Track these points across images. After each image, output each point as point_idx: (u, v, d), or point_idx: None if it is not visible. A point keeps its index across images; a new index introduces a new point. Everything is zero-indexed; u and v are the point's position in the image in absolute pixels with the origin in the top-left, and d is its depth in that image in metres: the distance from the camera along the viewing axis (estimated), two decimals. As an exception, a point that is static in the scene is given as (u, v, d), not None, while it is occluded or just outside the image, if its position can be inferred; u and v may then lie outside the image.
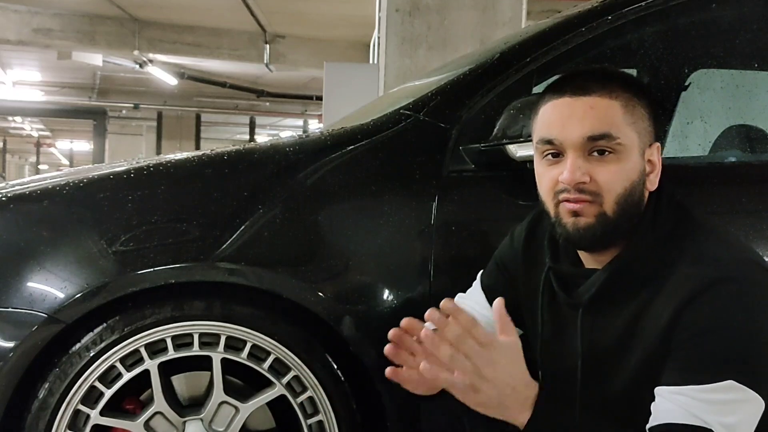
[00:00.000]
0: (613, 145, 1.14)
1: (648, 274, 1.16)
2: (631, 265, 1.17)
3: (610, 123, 1.14)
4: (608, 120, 1.15)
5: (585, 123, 1.15)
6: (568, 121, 1.16)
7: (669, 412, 1.05)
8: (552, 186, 1.19)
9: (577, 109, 1.16)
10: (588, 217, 1.16)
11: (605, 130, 1.14)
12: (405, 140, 1.60)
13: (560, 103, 1.18)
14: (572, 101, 1.16)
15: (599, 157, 1.15)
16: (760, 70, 1.96)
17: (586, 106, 1.15)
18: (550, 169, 1.19)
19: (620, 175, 1.15)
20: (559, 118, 1.17)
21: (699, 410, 1.03)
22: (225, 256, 1.49)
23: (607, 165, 1.15)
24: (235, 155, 1.62)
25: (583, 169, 1.15)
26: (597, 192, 1.15)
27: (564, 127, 1.16)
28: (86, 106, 14.66)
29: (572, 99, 1.17)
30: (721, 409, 1.03)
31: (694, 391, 1.04)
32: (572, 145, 1.16)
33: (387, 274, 1.55)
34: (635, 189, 1.17)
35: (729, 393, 1.04)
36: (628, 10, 1.64)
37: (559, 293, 1.26)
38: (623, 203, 1.16)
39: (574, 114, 1.16)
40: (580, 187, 1.15)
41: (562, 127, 1.16)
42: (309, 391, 1.55)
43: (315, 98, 11.93)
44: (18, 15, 8.57)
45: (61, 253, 1.49)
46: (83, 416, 1.50)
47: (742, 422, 1.04)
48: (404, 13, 4.10)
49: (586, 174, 1.15)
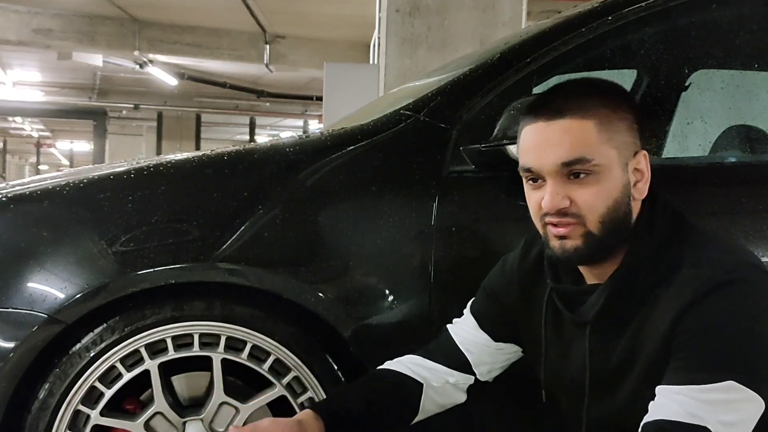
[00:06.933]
0: (589, 167, 1.15)
1: (649, 284, 1.16)
2: (632, 276, 1.17)
3: (583, 146, 1.14)
4: (582, 143, 1.15)
5: (558, 149, 1.15)
6: (543, 149, 1.17)
7: (666, 408, 1.06)
8: (537, 210, 1.20)
9: (550, 135, 1.16)
10: (574, 239, 1.17)
11: (578, 155, 1.14)
12: (405, 141, 1.60)
13: (535, 129, 1.18)
14: (545, 126, 1.17)
15: (578, 180, 1.15)
16: (760, 71, 1.96)
17: (560, 131, 1.16)
18: (534, 193, 1.20)
19: (601, 195, 1.15)
20: (535, 145, 1.18)
21: (697, 409, 1.03)
22: (225, 256, 1.49)
23: (587, 187, 1.15)
24: (235, 156, 1.62)
25: (562, 194, 1.16)
26: (579, 214, 1.16)
27: (539, 156, 1.17)
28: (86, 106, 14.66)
29: (545, 124, 1.17)
30: (720, 408, 1.03)
31: (694, 391, 1.05)
32: (549, 172, 1.16)
33: (387, 275, 1.54)
34: (619, 205, 1.17)
35: (729, 393, 1.04)
36: (628, 11, 1.64)
37: (564, 312, 1.25)
38: (608, 221, 1.16)
39: (549, 140, 1.16)
40: (562, 212, 1.16)
41: (538, 155, 1.17)
42: (309, 391, 1.55)
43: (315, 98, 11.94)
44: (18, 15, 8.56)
45: (61, 254, 1.49)
46: (83, 416, 1.50)
47: (741, 421, 1.05)
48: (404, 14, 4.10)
49: (565, 198, 1.16)
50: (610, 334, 1.19)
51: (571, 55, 1.65)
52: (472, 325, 1.40)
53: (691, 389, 1.05)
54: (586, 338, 1.22)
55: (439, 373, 1.37)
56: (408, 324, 1.54)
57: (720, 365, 1.05)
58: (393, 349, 1.49)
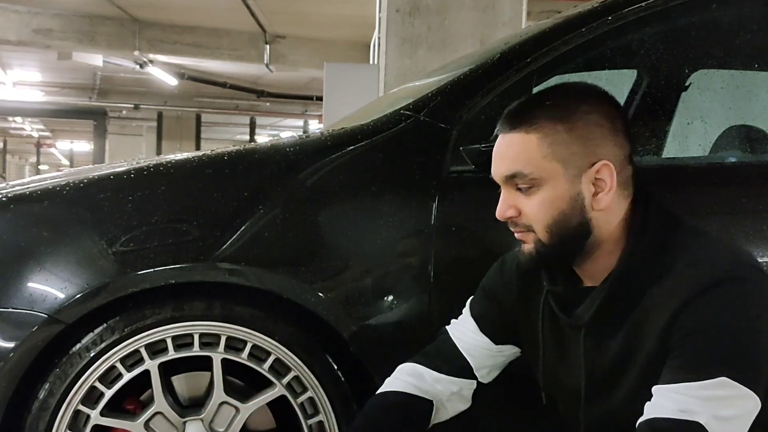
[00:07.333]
0: (528, 181, 1.18)
1: (644, 285, 1.16)
2: (627, 278, 1.17)
3: (522, 160, 1.19)
4: (520, 158, 1.19)
5: (502, 162, 1.22)
6: (495, 160, 1.23)
7: (660, 407, 1.06)
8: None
9: (500, 147, 1.23)
10: (529, 244, 1.22)
11: (515, 170, 1.19)
12: (405, 141, 1.60)
13: (496, 140, 1.25)
14: (500, 138, 1.24)
15: (523, 191, 1.20)
16: (760, 71, 1.96)
17: (506, 144, 1.22)
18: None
19: (544, 206, 1.18)
20: (494, 155, 1.24)
21: (691, 405, 1.04)
22: (225, 256, 1.49)
23: (531, 198, 1.20)
24: (236, 156, 1.62)
25: (509, 203, 1.21)
26: (527, 224, 1.21)
27: (494, 166, 1.24)
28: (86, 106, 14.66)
29: (501, 136, 1.23)
30: (714, 404, 1.04)
31: (687, 388, 1.05)
32: (500, 182, 1.23)
33: (387, 275, 1.54)
34: (568, 216, 1.18)
35: (722, 389, 1.04)
36: (628, 11, 1.64)
37: (560, 315, 1.26)
38: (556, 231, 1.19)
39: (498, 152, 1.23)
40: (512, 221, 1.22)
41: (493, 165, 1.24)
42: (309, 391, 1.55)
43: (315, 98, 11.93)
44: (18, 15, 8.56)
45: (61, 254, 1.49)
46: (83, 416, 1.50)
47: (737, 416, 1.05)
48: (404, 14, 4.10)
49: (512, 208, 1.21)
50: (606, 336, 1.19)
51: (571, 55, 1.65)
52: (472, 329, 1.39)
53: (685, 386, 1.05)
54: (581, 340, 1.22)
55: (445, 384, 1.36)
56: (408, 324, 1.54)
57: (713, 362, 1.05)
58: (393, 348, 1.49)
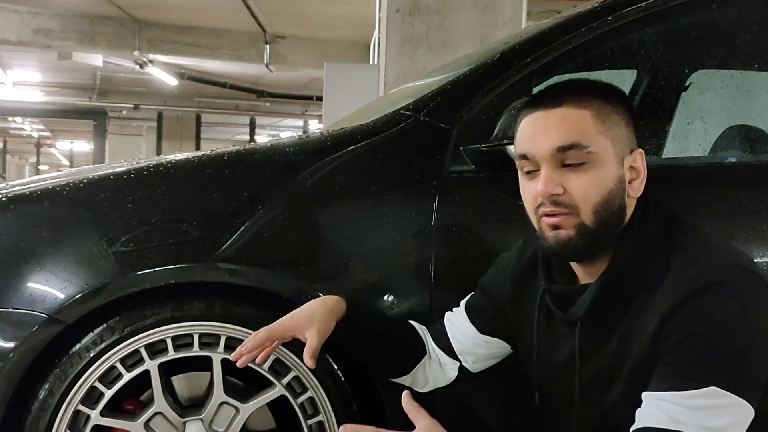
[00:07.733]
0: (584, 155, 1.15)
1: (638, 283, 1.15)
2: (621, 275, 1.17)
3: (580, 132, 1.15)
4: (578, 130, 1.15)
5: (555, 135, 1.16)
6: (540, 135, 1.17)
7: (650, 416, 1.06)
8: (533, 201, 1.20)
9: (548, 122, 1.17)
10: (568, 229, 1.16)
11: (574, 140, 1.15)
12: (405, 141, 1.60)
13: (534, 117, 1.20)
14: (545, 114, 1.18)
15: (572, 168, 1.16)
16: (760, 71, 1.96)
17: (558, 118, 1.17)
18: (530, 184, 1.20)
19: (595, 184, 1.15)
20: (532, 132, 1.19)
21: (681, 415, 1.03)
22: (225, 256, 1.49)
23: (581, 175, 1.15)
24: (235, 156, 1.62)
25: (556, 181, 1.16)
26: (573, 204, 1.15)
27: (535, 141, 1.18)
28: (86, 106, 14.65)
29: (545, 112, 1.18)
30: (703, 414, 1.03)
31: (677, 397, 1.04)
32: (544, 157, 1.17)
33: (387, 275, 1.55)
34: (613, 198, 1.16)
35: (712, 399, 1.03)
36: (628, 11, 1.64)
37: (555, 312, 1.26)
38: (602, 212, 1.15)
39: (546, 127, 1.17)
40: (555, 200, 1.16)
41: (534, 141, 1.18)
42: (309, 391, 1.55)
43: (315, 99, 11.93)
44: (18, 15, 8.56)
45: (61, 254, 1.49)
46: (83, 417, 1.50)
47: (729, 425, 1.03)
48: (404, 14, 4.10)
49: (558, 185, 1.16)
50: (600, 333, 1.19)
51: (571, 55, 1.65)
52: (462, 317, 1.45)
53: (675, 395, 1.04)
54: (576, 337, 1.22)
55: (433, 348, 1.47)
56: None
57: (702, 370, 1.04)
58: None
